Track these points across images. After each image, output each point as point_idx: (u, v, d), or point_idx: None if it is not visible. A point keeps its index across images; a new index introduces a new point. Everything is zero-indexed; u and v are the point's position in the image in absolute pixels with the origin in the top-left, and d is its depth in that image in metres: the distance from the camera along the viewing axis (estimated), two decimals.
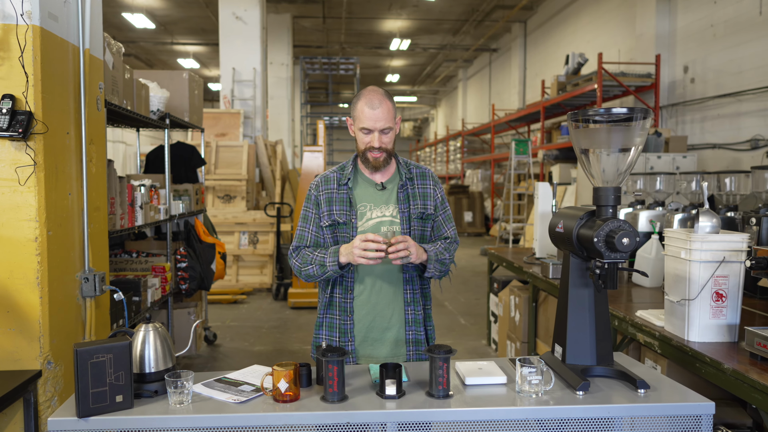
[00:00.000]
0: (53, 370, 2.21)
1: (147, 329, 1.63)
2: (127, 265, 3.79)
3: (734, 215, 3.05)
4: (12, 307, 2.13)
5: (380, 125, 1.84)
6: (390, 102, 1.87)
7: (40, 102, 2.11)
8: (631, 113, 1.52)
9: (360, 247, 1.72)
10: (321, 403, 1.53)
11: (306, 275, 1.88)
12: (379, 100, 1.84)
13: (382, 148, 1.87)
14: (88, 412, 1.45)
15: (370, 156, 1.89)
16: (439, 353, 1.55)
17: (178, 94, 4.27)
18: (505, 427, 1.53)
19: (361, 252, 1.72)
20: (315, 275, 1.86)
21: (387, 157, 1.90)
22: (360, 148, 1.91)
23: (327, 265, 1.82)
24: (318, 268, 1.84)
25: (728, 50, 7.23)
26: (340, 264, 1.80)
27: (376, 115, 1.83)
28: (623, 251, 1.51)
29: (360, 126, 1.87)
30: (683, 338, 2.11)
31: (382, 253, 1.70)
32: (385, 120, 1.84)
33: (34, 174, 2.12)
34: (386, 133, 1.86)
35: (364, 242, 1.71)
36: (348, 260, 1.78)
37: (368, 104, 1.84)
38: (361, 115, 1.86)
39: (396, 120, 1.91)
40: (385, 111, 1.84)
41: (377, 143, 1.85)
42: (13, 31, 2.06)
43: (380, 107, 1.83)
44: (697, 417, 1.51)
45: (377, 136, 1.85)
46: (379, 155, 1.88)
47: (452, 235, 2.03)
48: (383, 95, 1.87)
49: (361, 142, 1.89)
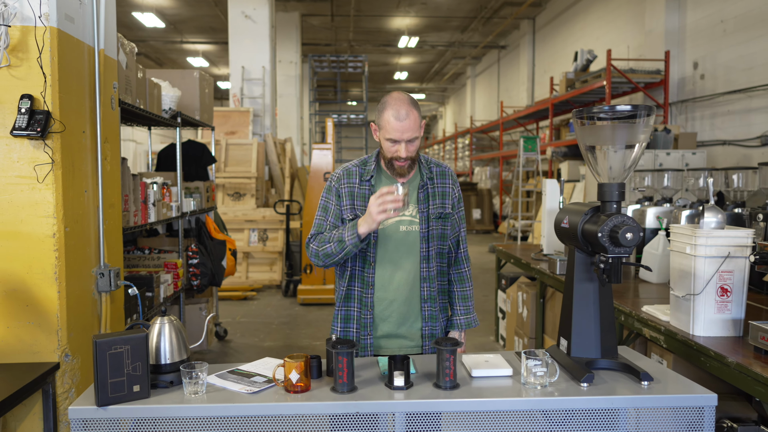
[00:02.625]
0: (71, 363, 2.27)
1: (163, 322, 1.69)
2: (140, 262, 3.86)
3: (742, 211, 3.06)
4: (31, 302, 2.19)
5: (407, 136, 1.81)
6: (417, 111, 1.84)
7: (58, 102, 2.17)
8: (635, 110, 1.55)
9: (377, 203, 1.71)
10: (331, 394, 1.58)
11: (324, 254, 1.86)
12: (407, 111, 1.80)
13: (409, 158, 1.87)
14: (107, 401, 1.51)
15: (396, 164, 1.88)
16: (446, 345, 1.59)
17: (189, 92, 4.33)
18: (510, 417, 1.57)
19: (378, 208, 1.70)
20: (333, 253, 1.84)
21: (411, 164, 1.90)
22: (386, 156, 1.89)
23: (345, 240, 1.80)
24: (336, 244, 1.82)
25: (738, 46, 7.19)
26: (359, 237, 1.78)
27: (404, 126, 1.80)
28: (627, 246, 1.54)
29: (386, 136, 1.84)
30: (688, 333, 2.13)
31: (400, 202, 1.69)
32: (412, 131, 1.82)
33: (51, 172, 2.18)
34: (413, 142, 1.85)
35: (380, 197, 1.71)
36: (368, 226, 1.75)
37: (395, 115, 1.80)
38: (387, 125, 1.82)
39: (421, 126, 1.89)
40: (412, 121, 1.81)
41: (404, 153, 1.84)
42: (31, 33, 2.12)
43: (407, 119, 1.80)
44: (699, 408, 1.54)
45: (404, 147, 1.83)
46: (404, 164, 1.87)
47: (464, 236, 2.07)
48: (410, 105, 1.83)
49: (387, 151, 1.87)
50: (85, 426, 1.51)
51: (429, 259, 1.93)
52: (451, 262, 2.05)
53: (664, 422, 1.63)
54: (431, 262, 1.94)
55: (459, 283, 2.07)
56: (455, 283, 2.07)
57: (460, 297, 2.06)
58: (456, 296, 2.06)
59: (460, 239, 2.05)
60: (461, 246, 2.06)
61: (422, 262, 1.93)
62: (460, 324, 2.04)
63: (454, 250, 2.04)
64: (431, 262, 1.94)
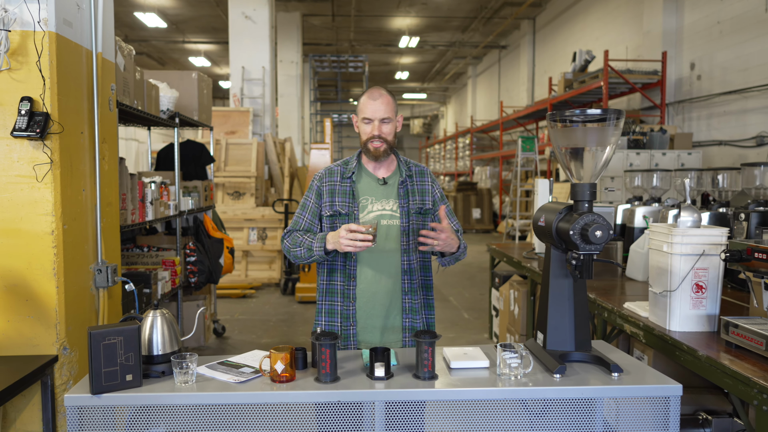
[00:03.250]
0: (69, 356, 2.35)
1: (155, 315, 1.76)
2: (139, 259, 3.94)
3: (726, 211, 3.13)
4: (30, 296, 2.28)
5: (380, 115, 1.98)
6: (390, 96, 2.02)
7: (56, 104, 2.25)
8: (605, 114, 1.62)
9: (346, 237, 1.82)
10: (315, 384, 1.65)
11: (294, 256, 2.01)
12: (379, 93, 2.00)
13: (382, 138, 1.99)
14: (101, 390, 1.59)
15: (371, 146, 2.01)
16: (425, 338, 1.66)
17: (188, 93, 4.41)
18: (490, 408, 1.64)
19: (348, 241, 1.82)
20: (301, 257, 1.99)
21: (387, 148, 2.02)
22: (362, 139, 2.04)
23: (313, 250, 1.94)
24: (305, 251, 1.97)
25: (734, 47, 7.24)
26: (326, 250, 1.92)
27: (376, 105, 1.98)
28: (596, 243, 1.61)
29: (362, 116, 2.02)
30: (665, 328, 2.20)
31: (369, 243, 1.81)
32: (384, 111, 1.98)
33: (50, 171, 2.26)
34: (386, 122, 1.99)
35: (350, 232, 1.82)
36: (335, 248, 1.89)
37: (369, 96, 2.00)
38: (362, 107, 2.01)
39: (398, 117, 2.05)
40: (385, 103, 1.98)
41: (377, 131, 1.98)
42: (30, 38, 2.20)
43: (380, 99, 1.99)
44: (665, 398, 1.61)
45: (377, 125, 1.98)
46: (379, 145, 2.00)
47: (458, 227, 2.14)
48: (383, 90, 2.03)
49: (363, 132, 2.03)
50: (80, 413, 1.59)
51: (410, 252, 2.02)
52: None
53: (638, 413, 1.70)
54: (412, 255, 2.02)
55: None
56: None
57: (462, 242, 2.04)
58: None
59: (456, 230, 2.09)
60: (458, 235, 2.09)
61: (403, 255, 2.01)
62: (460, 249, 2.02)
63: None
64: (412, 255, 2.02)
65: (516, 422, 1.70)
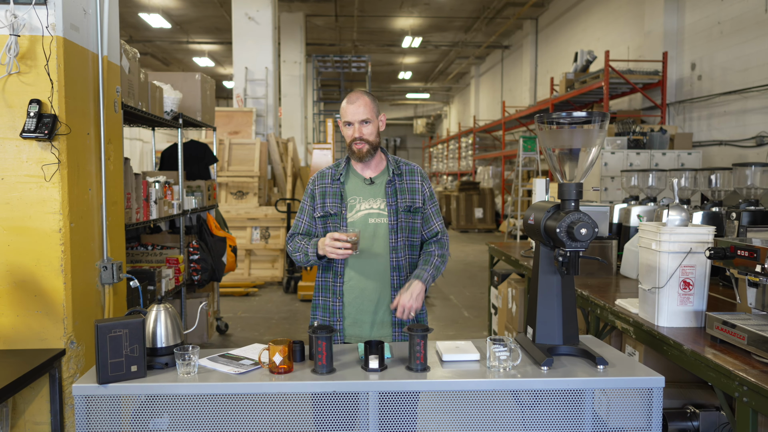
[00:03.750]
0: (75, 350, 2.43)
1: (159, 309, 1.84)
2: (143, 257, 4.02)
3: (719, 210, 3.18)
4: (39, 292, 2.35)
5: (359, 117, 2.05)
6: (368, 98, 2.08)
7: (64, 106, 2.33)
8: (590, 117, 1.69)
9: (330, 245, 1.94)
10: (311, 375, 1.73)
11: (296, 260, 2.13)
12: (357, 96, 2.07)
13: (363, 139, 2.06)
14: (107, 380, 1.66)
15: (354, 147, 2.08)
16: (417, 331, 1.73)
17: (191, 94, 4.49)
18: (476, 397, 1.71)
19: (331, 249, 1.94)
20: (301, 261, 2.11)
21: (370, 148, 2.09)
22: (347, 141, 2.11)
23: (309, 255, 2.06)
24: (303, 255, 2.09)
25: (735, 47, 7.28)
26: (318, 255, 2.03)
27: (354, 108, 2.05)
28: (582, 240, 1.67)
29: (343, 120, 2.10)
30: (654, 324, 2.26)
31: (349, 251, 1.92)
32: (363, 112, 2.05)
33: (58, 171, 2.34)
34: (365, 124, 2.06)
35: (332, 240, 1.93)
36: (323, 253, 1.99)
37: (348, 101, 2.08)
38: (343, 111, 2.09)
39: (380, 117, 2.12)
40: (362, 105, 2.05)
41: (357, 134, 2.06)
42: (39, 42, 2.28)
43: (357, 101, 2.06)
44: (648, 390, 1.68)
45: (357, 127, 2.06)
46: (361, 146, 2.07)
47: (440, 228, 2.21)
48: (362, 92, 2.10)
49: (346, 135, 2.11)
50: (87, 402, 1.66)
51: (398, 249, 2.09)
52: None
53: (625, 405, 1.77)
54: (400, 252, 2.09)
55: (425, 255, 2.16)
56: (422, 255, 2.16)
57: (423, 260, 2.13)
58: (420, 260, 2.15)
59: (438, 231, 2.19)
60: (439, 236, 2.20)
61: (391, 253, 2.08)
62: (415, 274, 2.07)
63: (432, 240, 2.20)
64: (400, 252, 2.09)
65: (508, 414, 1.77)
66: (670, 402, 2.44)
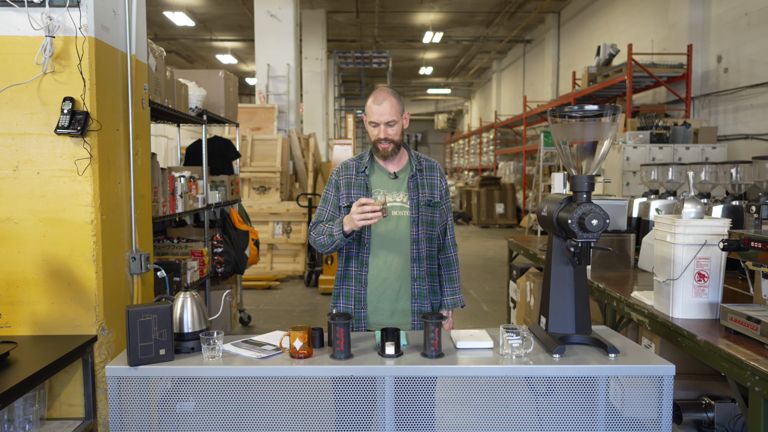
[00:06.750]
0: (106, 336, 2.54)
1: (185, 296, 1.93)
2: (169, 250, 4.15)
3: (740, 204, 3.17)
4: (72, 281, 2.47)
5: (385, 119, 2.09)
6: (394, 98, 2.11)
7: (95, 103, 2.44)
8: (602, 110, 1.72)
9: (357, 211, 1.95)
10: (330, 360, 1.80)
11: (319, 244, 2.15)
12: (384, 97, 2.09)
13: (388, 139, 2.12)
14: (137, 362, 1.76)
15: (380, 147, 2.14)
16: (432, 319, 1.79)
17: (215, 91, 4.59)
18: (490, 384, 1.76)
19: (360, 216, 1.95)
20: (326, 244, 2.12)
21: (395, 147, 2.15)
22: (372, 140, 2.17)
23: (334, 234, 2.07)
24: (327, 237, 2.10)
25: (762, 39, 7.14)
26: (344, 233, 2.04)
27: (381, 109, 2.08)
28: (593, 231, 1.71)
29: (369, 120, 2.14)
30: (668, 315, 2.28)
31: (378, 213, 1.93)
32: (389, 114, 2.08)
33: (90, 166, 2.45)
34: (391, 125, 2.11)
35: (360, 206, 1.95)
36: (350, 227, 2.01)
37: (374, 101, 2.10)
38: (369, 111, 2.12)
39: (404, 116, 2.16)
40: (389, 106, 2.08)
41: (383, 134, 2.11)
42: (72, 43, 2.39)
43: (384, 102, 2.08)
44: (659, 378, 1.71)
45: (383, 128, 2.10)
46: (386, 146, 2.13)
47: (450, 224, 2.29)
48: (388, 92, 2.11)
49: (371, 134, 2.16)
50: (119, 383, 1.76)
51: (419, 241, 2.14)
52: (439, 247, 2.27)
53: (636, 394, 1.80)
54: (420, 244, 2.15)
55: (446, 267, 2.29)
56: (443, 267, 2.29)
57: (447, 279, 2.27)
58: (444, 279, 2.28)
59: (447, 227, 2.28)
60: (448, 233, 2.28)
61: (412, 245, 2.14)
62: (447, 303, 2.27)
63: (442, 237, 2.27)
64: (420, 245, 2.15)
65: (523, 403, 1.82)
66: (686, 393, 2.46)
